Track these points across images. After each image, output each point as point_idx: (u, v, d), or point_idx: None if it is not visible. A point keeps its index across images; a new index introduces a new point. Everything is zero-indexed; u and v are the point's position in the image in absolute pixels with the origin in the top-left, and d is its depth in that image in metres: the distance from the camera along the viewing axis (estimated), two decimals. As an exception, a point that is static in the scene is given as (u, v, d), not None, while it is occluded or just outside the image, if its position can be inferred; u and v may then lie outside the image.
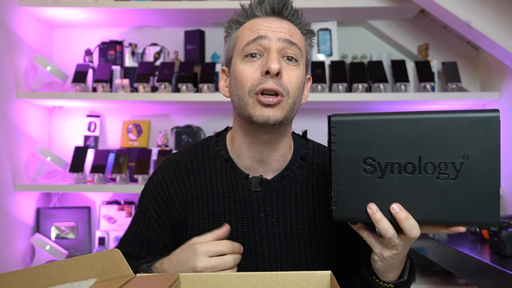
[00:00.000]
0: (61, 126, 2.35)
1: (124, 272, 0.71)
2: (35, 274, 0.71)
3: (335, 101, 2.00)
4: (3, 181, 1.94)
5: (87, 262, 0.71)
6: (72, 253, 2.17)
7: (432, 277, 1.87)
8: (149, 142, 2.29)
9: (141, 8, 2.06)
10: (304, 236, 0.96)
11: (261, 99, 0.87)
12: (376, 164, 0.73)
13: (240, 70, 0.90)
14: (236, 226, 0.95)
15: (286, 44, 0.89)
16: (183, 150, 1.04)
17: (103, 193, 2.29)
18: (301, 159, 0.99)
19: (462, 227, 0.72)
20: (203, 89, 2.03)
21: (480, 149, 0.69)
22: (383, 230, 0.74)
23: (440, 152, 0.71)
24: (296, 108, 0.92)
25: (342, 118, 0.75)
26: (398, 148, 0.72)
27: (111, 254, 0.72)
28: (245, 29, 0.93)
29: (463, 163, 0.70)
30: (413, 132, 0.72)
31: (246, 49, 0.90)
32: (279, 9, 0.93)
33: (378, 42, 2.34)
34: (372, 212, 0.73)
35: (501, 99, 1.98)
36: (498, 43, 1.71)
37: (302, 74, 0.92)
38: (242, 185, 0.96)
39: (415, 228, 0.73)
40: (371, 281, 0.85)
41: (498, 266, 1.22)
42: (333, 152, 0.76)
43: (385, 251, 0.78)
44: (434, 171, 0.71)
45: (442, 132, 0.71)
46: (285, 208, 0.96)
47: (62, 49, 2.37)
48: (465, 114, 0.70)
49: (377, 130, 0.73)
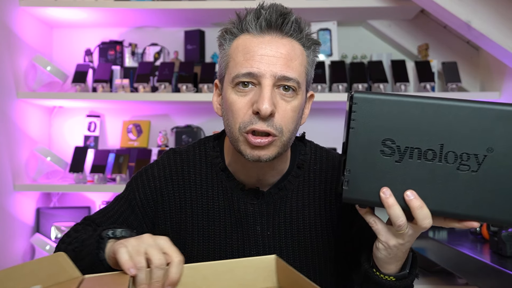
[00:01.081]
0: (61, 126, 2.35)
1: (71, 275, 0.69)
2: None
3: (335, 101, 2.00)
4: (3, 181, 1.94)
5: (30, 270, 0.67)
6: (72, 253, 2.17)
7: (432, 277, 1.86)
8: (149, 142, 2.29)
9: (141, 8, 2.06)
10: (299, 248, 0.94)
11: (251, 140, 0.81)
12: (395, 147, 0.70)
13: (230, 100, 0.84)
14: (230, 239, 0.93)
15: (282, 80, 0.82)
16: (181, 149, 1.00)
17: (103, 193, 2.29)
18: (298, 167, 0.96)
19: (475, 222, 0.70)
20: (203, 89, 2.03)
21: (506, 144, 0.66)
22: (394, 217, 0.71)
23: (463, 142, 0.67)
24: (292, 139, 0.87)
25: (366, 96, 0.71)
26: (420, 133, 0.69)
27: (57, 258, 0.69)
28: (238, 49, 0.84)
29: (486, 156, 0.67)
30: (439, 118, 0.68)
31: (236, 80, 0.83)
32: (278, 26, 0.83)
33: (378, 42, 2.34)
34: (385, 196, 0.70)
35: (501, 99, 1.97)
36: (498, 43, 1.71)
37: (300, 103, 0.85)
38: (238, 197, 0.93)
39: (427, 218, 0.70)
40: (372, 273, 0.81)
41: (498, 266, 1.22)
42: (351, 130, 0.71)
43: (392, 240, 0.75)
44: (455, 161, 0.68)
45: (468, 122, 0.67)
46: (279, 220, 0.94)
47: (62, 49, 2.37)
48: (495, 106, 0.67)
49: (401, 112, 0.69)
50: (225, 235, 0.93)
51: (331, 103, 2.06)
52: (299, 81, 0.83)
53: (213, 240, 0.94)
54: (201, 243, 0.94)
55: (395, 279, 0.80)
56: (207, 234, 0.94)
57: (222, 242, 0.94)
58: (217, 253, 0.94)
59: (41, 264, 0.69)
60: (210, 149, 0.98)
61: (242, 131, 0.82)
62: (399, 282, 0.80)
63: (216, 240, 0.94)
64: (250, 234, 0.93)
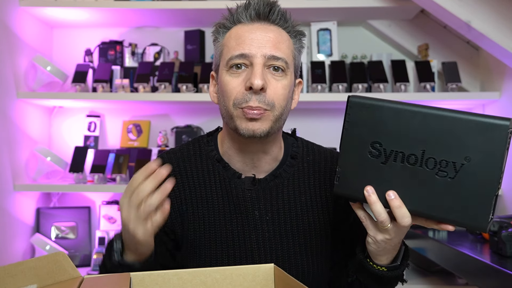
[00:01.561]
0: (61, 126, 2.35)
1: (71, 274, 0.70)
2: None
3: (335, 101, 2.00)
4: (3, 181, 1.94)
5: (29, 267, 0.68)
6: (72, 253, 2.17)
7: (432, 277, 1.86)
8: (149, 142, 2.29)
9: (141, 8, 2.06)
10: (298, 233, 0.98)
11: (246, 111, 0.87)
12: (382, 149, 0.75)
13: (225, 81, 0.90)
14: (231, 225, 0.97)
15: (271, 60, 0.89)
16: (174, 149, 1.05)
17: (103, 193, 2.29)
18: (292, 158, 1.01)
19: (450, 226, 0.74)
20: (203, 89, 2.03)
21: (482, 155, 0.69)
22: (376, 213, 0.77)
23: (443, 150, 0.71)
24: (284, 117, 0.93)
25: (360, 100, 0.77)
26: (405, 138, 0.74)
27: (56, 257, 0.70)
28: (231, 37, 0.92)
29: (463, 164, 0.70)
30: (422, 126, 0.72)
31: (230, 63, 0.90)
32: (265, 14, 0.91)
33: (378, 42, 2.34)
34: (368, 194, 0.77)
35: (501, 99, 1.98)
36: (498, 43, 1.71)
37: (289, 82, 0.92)
38: (235, 184, 0.97)
39: (406, 217, 0.75)
40: (366, 263, 0.88)
41: (498, 266, 1.22)
42: (344, 130, 0.79)
43: (378, 235, 0.81)
44: (434, 166, 0.72)
45: (449, 131, 0.71)
46: (278, 206, 0.97)
47: (62, 49, 2.37)
48: (475, 118, 0.70)
49: (389, 117, 0.75)
50: (225, 222, 0.97)
51: (331, 103, 2.06)
52: (287, 61, 0.90)
53: (214, 228, 0.97)
54: (203, 232, 0.97)
55: (386, 269, 0.87)
56: (208, 223, 0.97)
57: (223, 230, 0.97)
58: (218, 240, 0.97)
59: (40, 262, 0.69)
60: (204, 144, 1.03)
61: (236, 106, 0.88)
62: (390, 272, 0.87)
63: (216, 228, 0.97)
64: (250, 219, 0.96)
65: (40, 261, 0.69)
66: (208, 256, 0.97)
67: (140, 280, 0.72)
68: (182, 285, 0.72)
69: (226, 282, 0.74)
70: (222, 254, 0.96)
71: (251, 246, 0.96)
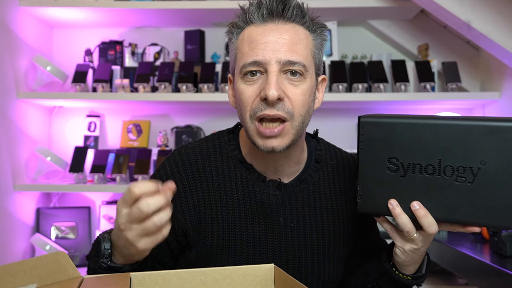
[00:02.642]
0: (61, 126, 2.35)
1: (72, 274, 0.69)
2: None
3: (335, 101, 2.00)
4: (3, 181, 1.94)
5: (30, 266, 0.68)
6: (72, 253, 2.17)
7: (432, 277, 1.86)
8: (149, 142, 2.29)
9: (141, 8, 2.06)
10: (323, 241, 0.95)
11: (262, 131, 0.83)
12: (400, 164, 0.78)
13: (240, 90, 0.86)
14: (252, 230, 0.92)
15: (288, 65, 0.83)
16: (192, 144, 0.99)
17: (103, 193, 2.29)
18: (316, 161, 0.97)
19: (476, 227, 0.76)
20: (203, 89, 2.03)
21: (497, 156, 0.72)
22: (401, 224, 0.78)
23: (459, 157, 0.74)
24: (306, 123, 0.88)
25: (370, 120, 0.80)
26: (420, 150, 0.77)
27: (57, 256, 0.69)
28: (244, 40, 0.87)
29: (480, 168, 0.73)
30: (435, 136, 0.75)
31: (244, 70, 0.85)
32: (279, 12, 0.85)
33: (378, 42, 2.34)
34: (392, 207, 0.78)
35: (501, 99, 1.97)
36: (498, 43, 1.71)
37: (310, 85, 0.86)
38: (260, 188, 0.92)
39: (433, 225, 0.77)
40: (392, 272, 0.88)
41: (498, 266, 1.22)
42: (360, 151, 0.81)
43: (406, 245, 0.82)
44: (452, 174, 0.75)
45: (462, 138, 0.74)
46: (304, 212, 0.94)
47: (62, 49, 2.37)
48: (485, 122, 0.73)
49: (401, 132, 0.78)
50: (246, 225, 0.92)
51: (331, 103, 2.07)
52: (305, 65, 0.84)
53: (234, 231, 0.92)
54: (221, 236, 0.92)
55: (411, 278, 0.88)
56: (227, 226, 0.92)
57: (243, 234, 0.92)
58: (238, 243, 0.92)
59: (41, 262, 0.69)
60: (225, 143, 0.97)
61: (253, 118, 0.84)
62: (415, 281, 0.89)
63: (237, 231, 0.92)
64: (274, 225, 0.92)
65: (40, 261, 0.69)
66: (225, 261, 0.92)
67: (140, 280, 0.72)
68: (182, 285, 0.72)
69: (226, 282, 0.74)
70: (240, 260, 0.92)
71: (273, 253, 0.92)
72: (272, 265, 0.76)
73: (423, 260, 0.89)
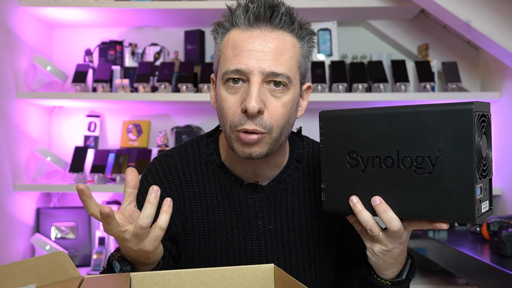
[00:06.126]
0: (61, 126, 2.35)
1: (71, 274, 0.70)
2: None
3: (335, 101, 2.00)
4: (3, 181, 1.94)
5: (29, 266, 0.68)
6: (72, 253, 2.17)
7: (432, 277, 1.87)
8: (149, 142, 2.29)
9: (141, 8, 2.06)
10: (301, 242, 0.94)
11: (242, 137, 0.81)
12: (359, 158, 0.75)
13: (222, 97, 0.83)
14: (232, 235, 0.92)
15: (271, 76, 0.80)
16: (171, 151, 0.98)
17: (103, 193, 2.29)
18: (297, 161, 0.96)
19: (444, 224, 0.70)
20: (203, 89, 2.03)
21: (453, 143, 0.67)
22: (363, 222, 0.75)
23: (416, 146, 0.70)
24: (285, 133, 0.86)
25: (329, 114, 0.79)
26: (378, 143, 0.74)
27: (57, 256, 0.69)
28: (228, 44, 0.83)
29: (438, 156, 0.68)
30: (391, 127, 0.72)
31: (226, 77, 0.82)
32: (267, 18, 0.81)
33: (378, 42, 2.34)
34: (353, 204, 0.75)
35: (501, 99, 1.97)
36: (498, 43, 1.71)
37: (292, 97, 0.84)
38: (238, 192, 0.92)
39: (394, 221, 0.73)
40: (370, 276, 0.85)
41: (498, 266, 1.22)
42: (321, 147, 0.79)
43: (375, 246, 0.79)
44: (411, 165, 0.71)
45: (418, 126, 0.70)
46: (281, 214, 0.93)
47: (62, 49, 2.37)
48: (439, 108, 0.69)
49: (358, 125, 0.75)
50: (226, 231, 0.92)
51: (331, 103, 2.06)
52: (289, 76, 0.81)
53: (214, 237, 0.93)
54: (203, 241, 0.93)
55: (391, 283, 0.84)
56: (208, 232, 0.93)
57: (223, 239, 0.93)
58: (219, 250, 0.93)
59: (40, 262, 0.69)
60: (203, 147, 0.96)
61: (233, 129, 0.82)
62: (394, 286, 0.84)
63: (217, 237, 0.93)
64: (252, 228, 0.92)
65: (40, 261, 0.69)
66: (208, 267, 0.93)
67: (140, 280, 0.72)
68: (182, 285, 0.72)
69: (226, 282, 0.74)
70: (222, 265, 0.90)
71: (252, 256, 0.92)
72: (272, 265, 0.76)
73: (405, 264, 0.84)
